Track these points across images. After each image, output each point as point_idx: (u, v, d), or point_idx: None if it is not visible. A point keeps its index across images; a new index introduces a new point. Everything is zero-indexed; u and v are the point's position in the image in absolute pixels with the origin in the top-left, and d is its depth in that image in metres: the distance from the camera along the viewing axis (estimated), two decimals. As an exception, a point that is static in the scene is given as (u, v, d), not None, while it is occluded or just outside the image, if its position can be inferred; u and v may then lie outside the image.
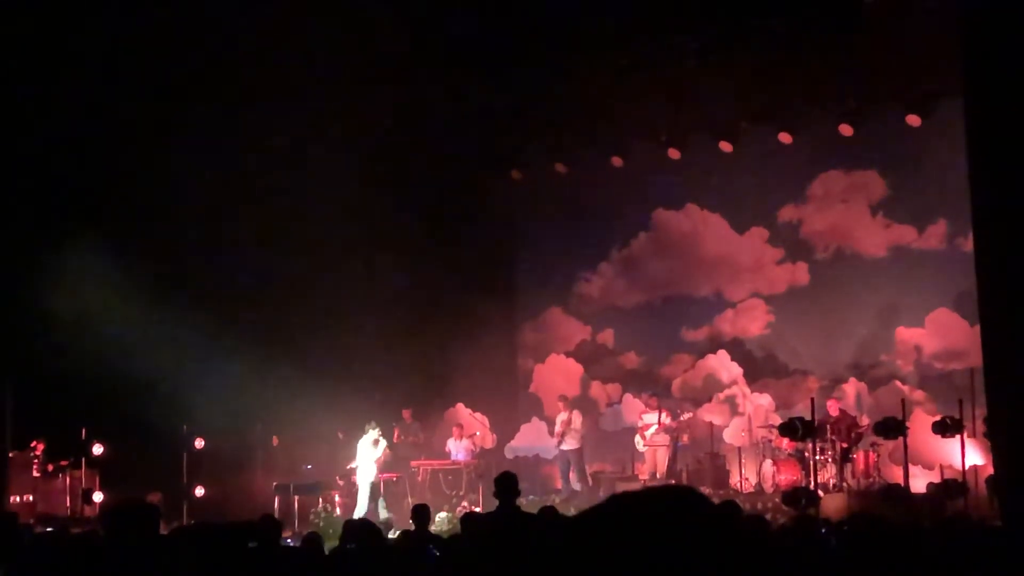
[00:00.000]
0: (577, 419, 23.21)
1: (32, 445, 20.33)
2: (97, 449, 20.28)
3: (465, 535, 10.68)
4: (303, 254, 22.27)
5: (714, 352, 24.91)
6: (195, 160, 20.63)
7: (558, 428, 23.20)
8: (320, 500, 21.44)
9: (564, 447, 23.09)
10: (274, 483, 21.43)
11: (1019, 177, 15.15)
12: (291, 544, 14.22)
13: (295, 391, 21.71)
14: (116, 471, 19.94)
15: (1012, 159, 15.22)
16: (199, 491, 21.32)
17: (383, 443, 21.54)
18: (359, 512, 20.28)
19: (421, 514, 12.78)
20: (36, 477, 20.33)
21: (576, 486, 22.73)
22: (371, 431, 21.41)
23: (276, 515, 18.30)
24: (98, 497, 20.02)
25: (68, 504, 20.31)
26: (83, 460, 20.33)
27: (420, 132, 23.59)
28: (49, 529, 14.25)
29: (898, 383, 22.74)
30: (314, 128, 22.27)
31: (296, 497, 21.10)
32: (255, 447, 22.19)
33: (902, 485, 18.60)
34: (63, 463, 20.57)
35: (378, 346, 22.62)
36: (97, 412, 19.93)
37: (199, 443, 21.37)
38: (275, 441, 22.58)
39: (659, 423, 22.54)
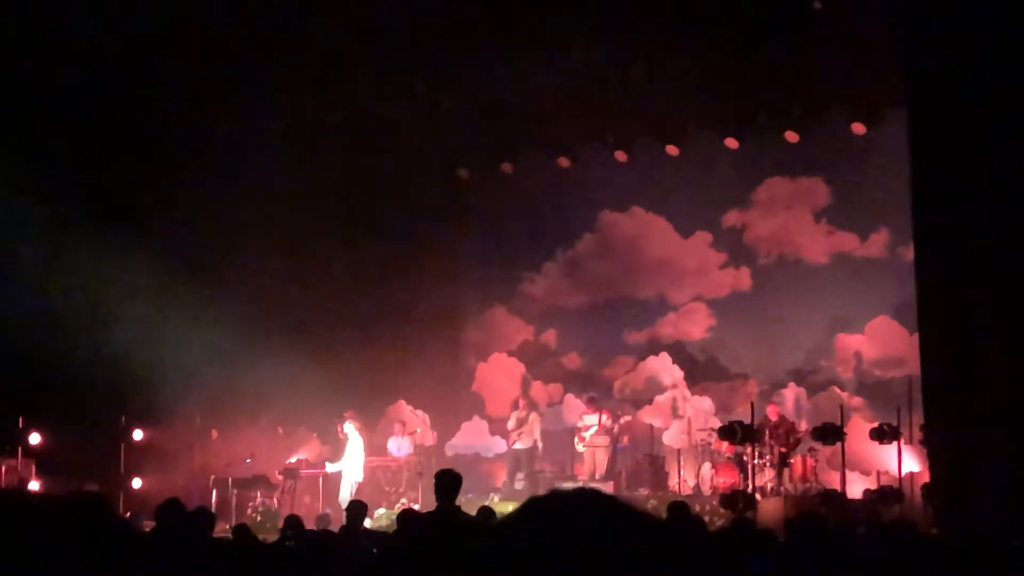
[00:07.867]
0: (536, 419, 23.16)
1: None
2: (34, 438, 20.08)
3: (402, 532, 10.69)
4: (242, 251, 22.15)
5: (655, 354, 24.95)
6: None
7: (513, 425, 23.10)
8: (259, 494, 21.35)
9: (518, 446, 23.01)
10: (212, 476, 21.32)
11: (959, 188, 15.35)
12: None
13: (236, 385, 21.62)
14: (53, 461, 19.73)
15: (953, 170, 15.42)
16: (136, 483, 21.17)
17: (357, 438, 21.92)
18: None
19: (356, 510, 12.82)
20: (-31, 465, 20.10)
21: (519, 485, 22.67)
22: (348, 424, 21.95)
23: (213, 509, 18.24)
24: (34, 486, 19.81)
25: (3, 493, 20.04)
26: (19, 449, 20.10)
27: (366, 130, 23.49)
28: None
29: (837, 389, 22.90)
30: (257, 121, 22.22)
31: (235, 491, 21.02)
32: (194, 440, 22.03)
33: (839, 490, 18.72)
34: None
35: (321, 342, 22.53)
36: (35, 401, 19.72)
37: (138, 434, 21.22)
38: (214, 434, 22.44)
39: (599, 424, 22.56)
